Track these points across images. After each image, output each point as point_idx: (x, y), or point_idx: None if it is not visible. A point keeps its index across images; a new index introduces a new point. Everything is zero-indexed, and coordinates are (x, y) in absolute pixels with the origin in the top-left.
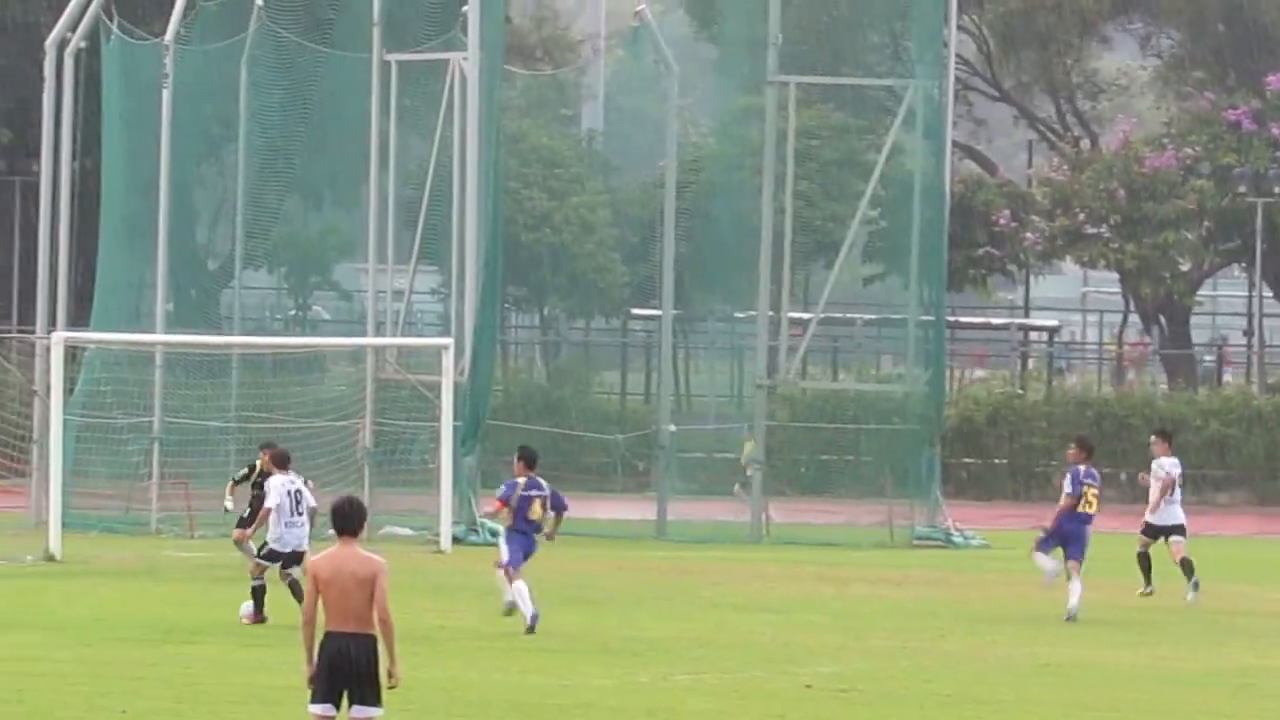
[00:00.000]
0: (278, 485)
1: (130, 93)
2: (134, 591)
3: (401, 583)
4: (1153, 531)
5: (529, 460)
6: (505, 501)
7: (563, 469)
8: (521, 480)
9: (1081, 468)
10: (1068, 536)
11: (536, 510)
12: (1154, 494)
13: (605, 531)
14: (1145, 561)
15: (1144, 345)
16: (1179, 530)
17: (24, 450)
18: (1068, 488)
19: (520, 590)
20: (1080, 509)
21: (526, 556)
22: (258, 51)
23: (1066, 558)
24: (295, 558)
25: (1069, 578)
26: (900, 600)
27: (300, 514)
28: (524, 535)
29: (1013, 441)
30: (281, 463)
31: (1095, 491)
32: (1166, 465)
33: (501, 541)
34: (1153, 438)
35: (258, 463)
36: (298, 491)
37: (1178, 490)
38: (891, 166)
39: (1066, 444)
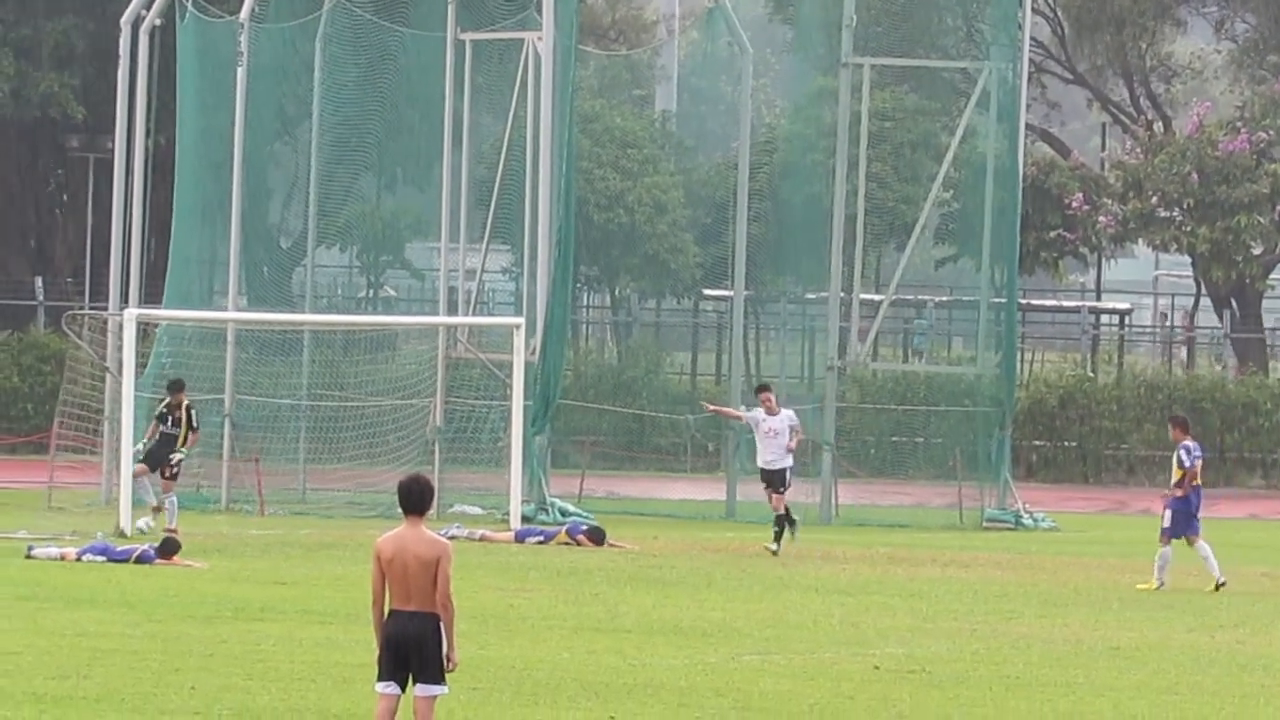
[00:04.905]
0: None
1: (205, 70)
2: (207, 568)
3: (470, 562)
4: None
5: None
6: None
7: (633, 449)
8: None
9: (1190, 443)
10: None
11: None
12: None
13: (675, 512)
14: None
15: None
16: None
17: (95, 427)
18: (1189, 462)
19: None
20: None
21: None
22: (332, 30)
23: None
24: None
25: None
26: (970, 582)
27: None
28: None
29: (1083, 424)
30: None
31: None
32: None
33: None
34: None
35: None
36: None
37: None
38: (965, 149)
39: (1137, 427)
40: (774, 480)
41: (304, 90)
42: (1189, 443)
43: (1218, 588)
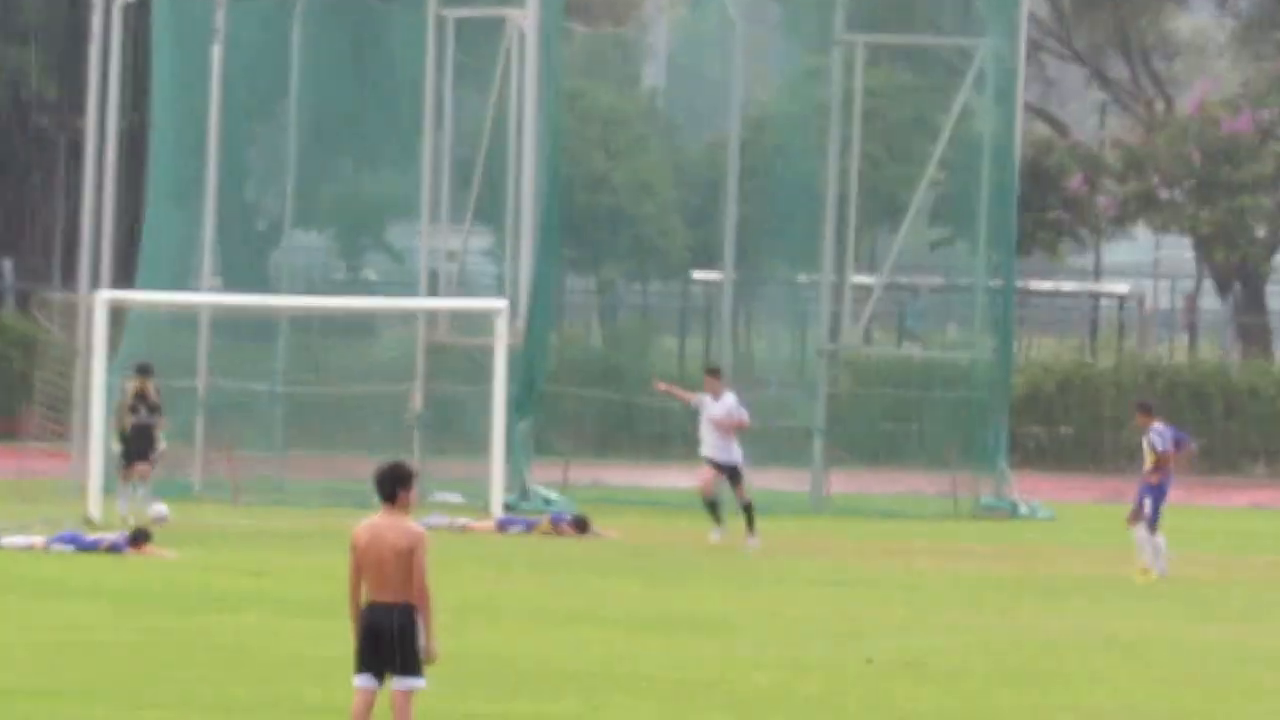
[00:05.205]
0: None
1: (180, 48)
2: (178, 558)
3: (451, 552)
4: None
5: None
6: None
7: (619, 436)
8: None
9: (1160, 425)
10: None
11: None
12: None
13: (663, 501)
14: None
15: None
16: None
17: (64, 413)
18: (1161, 445)
19: None
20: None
21: None
22: (311, 7)
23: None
24: None
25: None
26: (965, 573)
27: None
28: None
29: (1082, 411)
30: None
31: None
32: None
33: None
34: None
35: (130, 386)
36: None
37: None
38: (960, 128)
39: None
40: (720, 471)
41: (282, 69)
42: (1159, 425)
43: (1142, 573)
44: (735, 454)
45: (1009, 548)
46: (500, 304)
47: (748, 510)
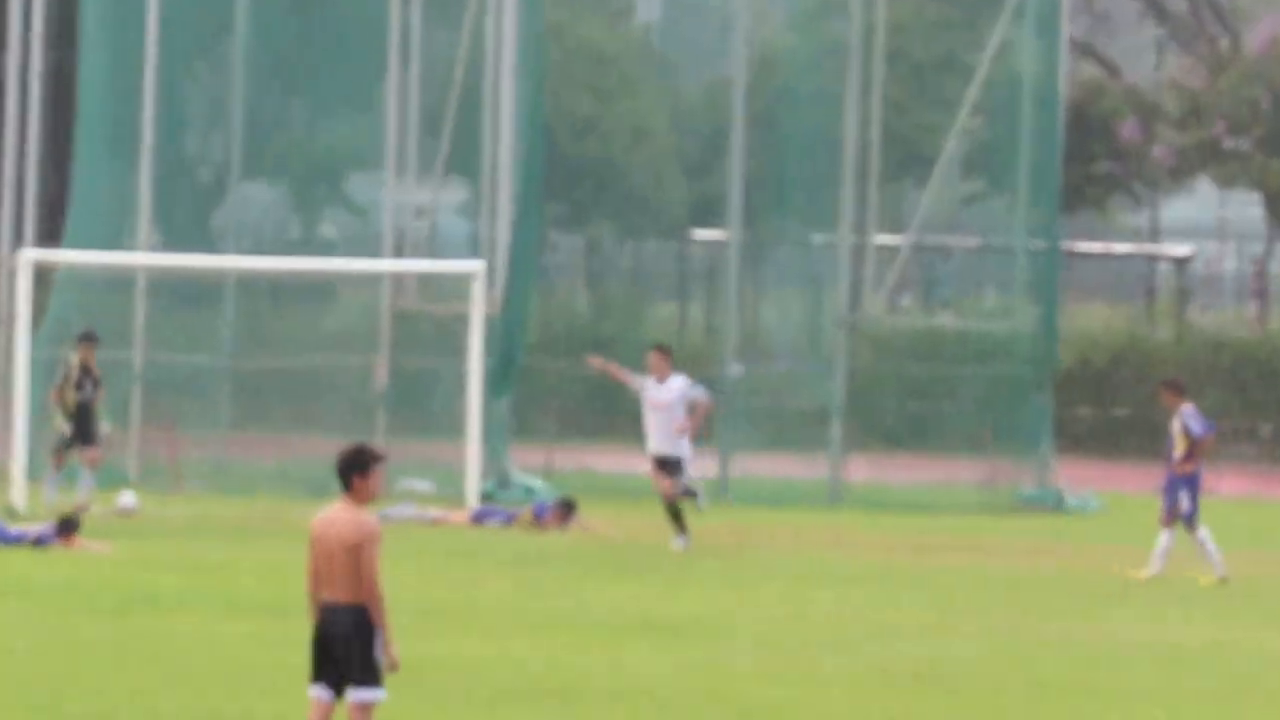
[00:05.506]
0: None
1: None
2: (110, 552)
3: (419, 546)
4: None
5: None
6: None
7: (609, 417)
8: None
9: (1190, 408)
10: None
11: None
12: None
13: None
14: None
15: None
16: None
17: None
18: (1199, 429)
19: None
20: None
21: None
22: None
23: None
24: None
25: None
26: (1001, 573)
27: None
28: None
29: (1136, 388)
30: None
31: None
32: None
33: None
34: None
35: (75, 358)
36: None
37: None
38: (997, 68)
39: (1200, 392)
40: (663, 467)
41: (226, 1)
42: (1189, 407)
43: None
44: (682, 447)
45: (1052, 544)
46: (476, 266)
47: (674, 508)
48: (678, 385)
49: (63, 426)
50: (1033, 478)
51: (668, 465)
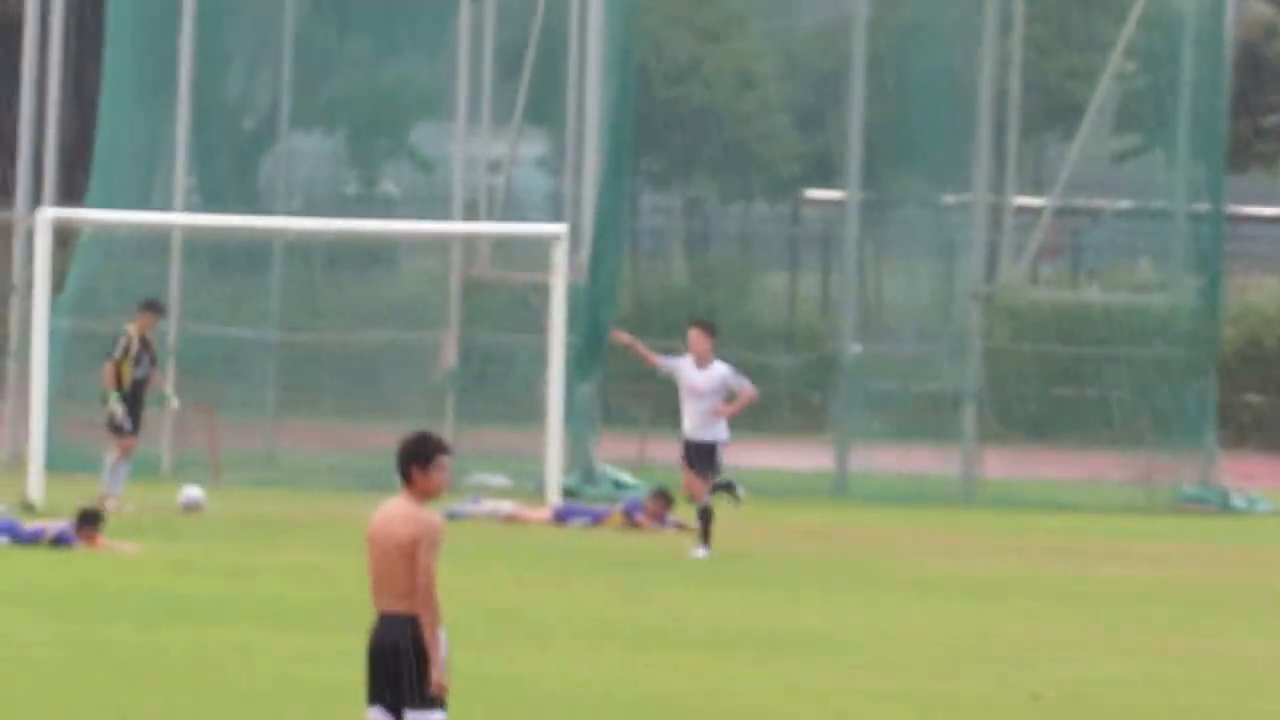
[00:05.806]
0: None
1: None
2: (140, 553)
3: (493, 549)
4: None
5: None
6: None
7: None
8: None
9: None
10: None
11: None
12: None
13: (767, 486)
14: None
15: None
16: None
17: None
18: None
19: None
20: None
21: None
22: None
23: None
24: None
25: None
26: (1157, 582)
27: None
28: None
29: None
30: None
31: None
32: None
33: None
34: None
35: (134, 328)
36: None
37: None
38: (1155, 5)
39: None
40: (696, 458)
41: None
42: None
43: None
44: (718, 431)
45: (1216, 550)
46: (557, 229)
47: (708, 515)
48: (719, 372)
49: (116, 407)
50: (1193, 474)
51: (701, 454)
